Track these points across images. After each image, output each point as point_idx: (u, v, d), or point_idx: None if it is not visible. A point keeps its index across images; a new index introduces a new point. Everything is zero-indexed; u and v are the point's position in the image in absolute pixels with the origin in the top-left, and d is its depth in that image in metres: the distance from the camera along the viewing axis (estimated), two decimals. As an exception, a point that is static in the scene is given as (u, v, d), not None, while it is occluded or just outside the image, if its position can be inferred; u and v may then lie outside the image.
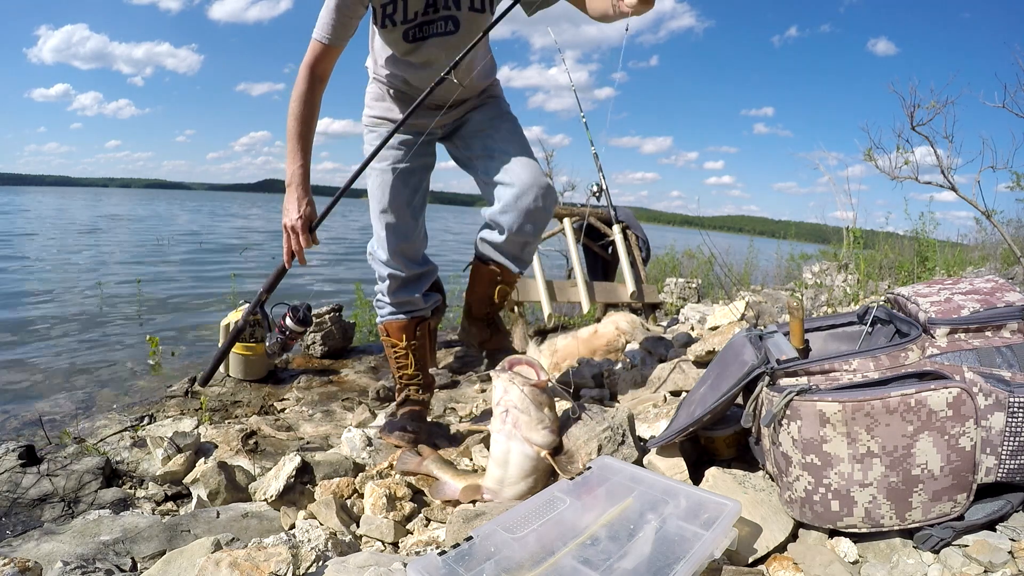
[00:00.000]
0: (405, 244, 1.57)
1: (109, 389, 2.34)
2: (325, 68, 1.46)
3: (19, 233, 10.80)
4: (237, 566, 0.81)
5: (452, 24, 1.45)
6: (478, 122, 1.62)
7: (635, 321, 2.48)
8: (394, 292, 1.61)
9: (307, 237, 1.44)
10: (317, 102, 1.47)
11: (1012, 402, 0.88)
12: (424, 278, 1.65)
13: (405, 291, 1.61)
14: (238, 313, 2.25)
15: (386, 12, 1.42)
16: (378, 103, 1.63)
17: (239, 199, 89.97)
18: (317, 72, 1.45)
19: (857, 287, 3.28)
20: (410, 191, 1.58)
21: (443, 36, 1.46)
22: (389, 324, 1.64)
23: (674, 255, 5.80)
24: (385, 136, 1.48)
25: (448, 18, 1.45)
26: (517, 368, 1.25)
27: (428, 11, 1.43)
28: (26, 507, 1.32)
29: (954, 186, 2.90)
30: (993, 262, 4.46)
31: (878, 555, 0.89)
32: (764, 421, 0.95)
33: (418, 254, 1.62)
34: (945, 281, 1.11)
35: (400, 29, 1.44)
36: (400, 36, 1.45)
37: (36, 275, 5.77)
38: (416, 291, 1.63)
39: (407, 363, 1.66)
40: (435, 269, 1.71)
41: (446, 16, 1.45)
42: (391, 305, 1.62)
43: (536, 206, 1.50)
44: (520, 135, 1.63)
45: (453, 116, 1.62)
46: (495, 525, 0.85)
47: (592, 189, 3.27)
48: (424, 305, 1.65)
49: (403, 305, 1.62)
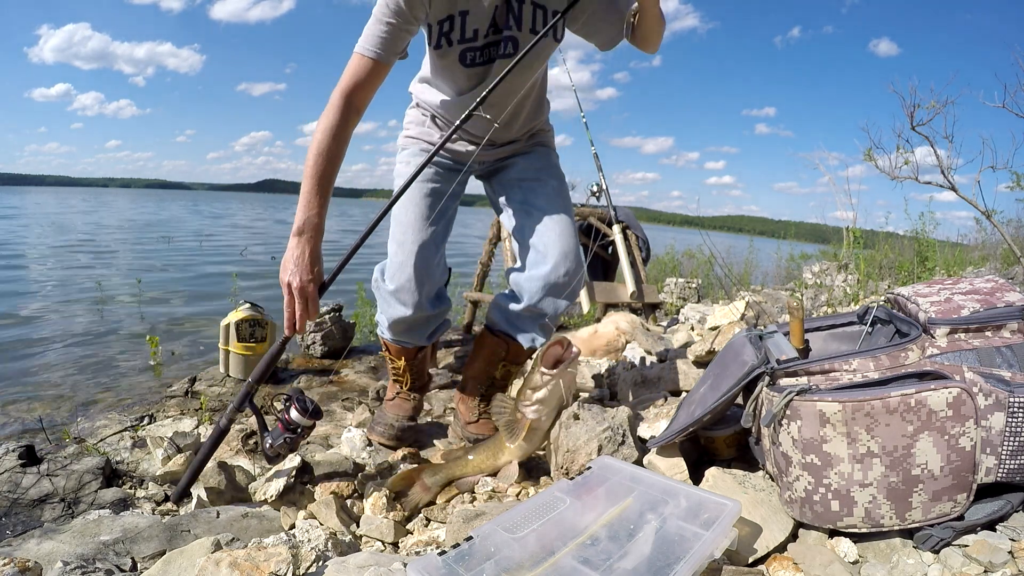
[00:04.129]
0: (421, 272, 1.38)
1: (109, 389, 2.34)
2: (366, 93, 1.25)
3: (18, 233, 10.80)
4: (237, 566, 0.81)
5: (512, 46, 1.31)
6: (522, 169, 1.49)
7: (635, 321, 2.48)
8: (399, 333, 1.48)
9: (316, 303, 1.21)
10: (348, 137, 1.24)
11: (1012, 402, 0.88)
12: (432, 321, 1.50)
13: (408, 333, 1.48)
14: (238, 313, 2.25)
15: (442, 30, 1.27)
16: (416, 126, 1.53)
17: (239, 199, 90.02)
18: (355, 100, 1.24)
19: (857, 287, 3.28)
20: (436, 215, 1.43)
21: (505, 59, 1.31)
22: (389, 344, 1.56)
23: (674, 255, 5.80)
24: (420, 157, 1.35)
25: (509, 39, 1.31)
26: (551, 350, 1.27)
27: (489, 32, 1.28)
28: (26, 507, 1.32)
29: (954, 186, 2.90)
30: (993, 262, 4.46)
31: (878, 555, 0.89)
32: (764, 421, 0.95)
33: (432, 288, 1.44)
34: (945, 281, 1.11)
35: (456, 50, 1.30)
36: (456, 59, 1.31)
37: (36, 275, 5.77)
38: (421, 334, 1.49)
39: (403, 379, 1.62)
40: (447, 310, 1.53)
41: (507, 37, 1.30)
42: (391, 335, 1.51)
43: (563, 282, 1.39)
44: (564, 197, 1.50)
45: (496, 155, 1.51)
46: (495, 525, 0.85)
47: (592, 189, 3.27)
48: (428, 343, 1.54)
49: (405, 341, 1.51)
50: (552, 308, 1.43)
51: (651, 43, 1.34)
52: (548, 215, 1.43)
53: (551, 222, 1.42)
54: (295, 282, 1.18)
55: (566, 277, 1.40)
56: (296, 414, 1.19)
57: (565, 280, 1.40)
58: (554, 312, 1.44)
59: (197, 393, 2.12)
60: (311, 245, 1.20)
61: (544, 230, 1.42)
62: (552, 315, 1.46)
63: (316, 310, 1.22)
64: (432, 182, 1.46)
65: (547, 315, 1.46)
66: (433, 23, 1.27)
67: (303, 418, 1.19)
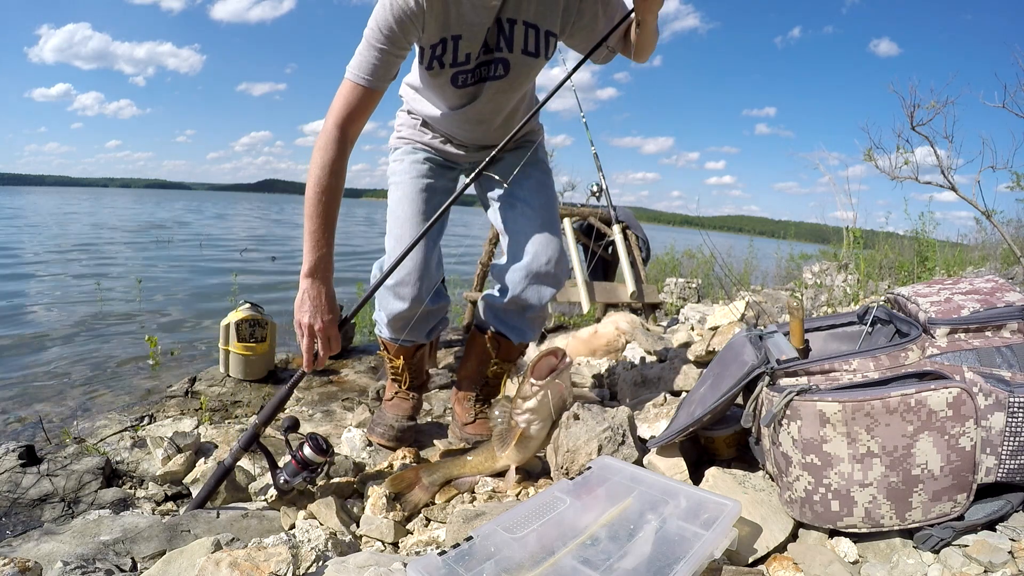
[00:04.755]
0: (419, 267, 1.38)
1: (109, 389, 2.34)
2: (360, 123, 1.22)
3: (18, 233, 10.80)
4: (237, 566, 0.81)
5: (502, 68, 1.32)
6: (509, 164, 1.48)
7: (635, 321, 2.48)
8: (397, 330, 1.47)
9: (338, 340, 1.21)
10: (345, 169, 1.21)
11: (1012, 402, 0.88)
12: (431, 317, 1.50)
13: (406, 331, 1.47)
14: (238, 313, 2.25)
15: (435, 53, 1.26)
16: (408, 128, 1.53)
17: (239, 199, 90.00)
18: (349, 131, 1.21)
19: (857, 287, 3.28)
20: (431, 210, 1.43)
21: (495, 80, 1.32)
22: (387, 343, 1.56)
23: (674, 255, 5.81)
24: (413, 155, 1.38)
25: (500, 61, 1.31)
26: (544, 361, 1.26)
27: (481, 53, 1.28)
28: (26, 507, 1.32)
29: (954, 186, 2.90)
30: (993, 262, 4.46)
31: (878, 555, 0.89)
32: (764, 421, 0.95)
33: (431, 283, 1.43)
34: (945, 281, 1.11)
35: (448, 73, 1.30)
36: (448, 80, 1.31)
37: (36, 275, 5.77)
38: (420, 332, 1.50)
39: (402, 378, 1.62)
40: (446, 307, 1.54)
41: (498, 59, 1.31)
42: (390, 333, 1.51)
43: (544, 271, 1.40)
44: (548, 190, 1.51)
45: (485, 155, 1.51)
46: (495, 525, 0.85)
47: (592, 189, 3.27)
48: (427, 340, 1.54)
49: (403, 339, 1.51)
50: (536, 297, 1.44)
51: (643, 54, 1.35)
52: (530, 207, 1.44)
53: (533, 213, 1.43)
54: (316, 324, 1.18)
55: (547, 266, 1.40)
56: (311, 452, 1.21)
57: (547, 269, 1.40)
58: (539, 301, 1.45)
59: (197, 393, 2.12)
60: (326, 285, 1.19)
61: (526, 222, 1.43)
62: (538, 305, 1.46)
63: (338, 346, 1.22)
64: (426, 178, 1.47)
65: (533, 305, 1.46)
66: (426, 47, 1.26)
67: (318, 456, 1.21)
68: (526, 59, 1.32)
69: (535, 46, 1.30)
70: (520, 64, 1.33)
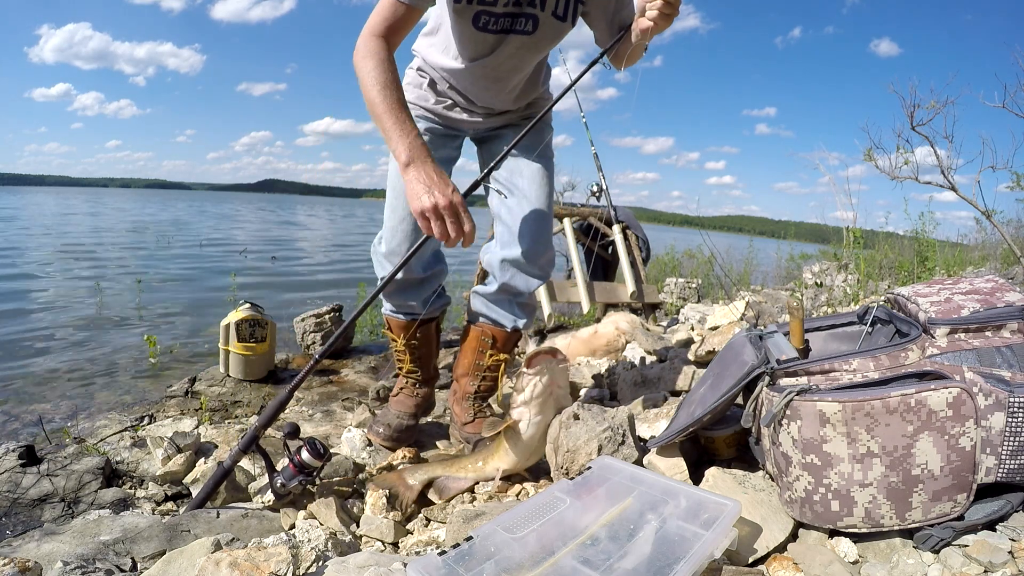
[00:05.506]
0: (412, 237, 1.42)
1: (109, 389, 2.34)
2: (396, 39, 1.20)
3: (18, 234, 10.80)
4: (237, 566, 0.81)
5: (531, 24, 1.30)
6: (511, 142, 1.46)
7: (635, 321, 2.48)
8: (390, 295, 1.52)
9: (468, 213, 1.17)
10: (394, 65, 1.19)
11: (1012, 402, 0.88)
12: (427, 284, 1.52)
13: (401, 295, 1.51)
14: (238, 313, 2.25)
15: None
16: (414, 88, 1.50)
17: (239, 199, 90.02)
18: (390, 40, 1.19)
19: (857, 287, 3.28)
20: None
21: (521, 35, 1.31)
22: (388, 318, 1.59)
23: (674, 255, 5.80)
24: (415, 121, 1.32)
25: (530, 16, 1.29)
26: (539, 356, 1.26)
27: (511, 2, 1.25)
28: (26, 507, 1.32)
29: (954, 186, 2.90)
30: (993, 262, 4.46)
31: (878, 555, 0.89)
32: (764, 421, 0.95)
33: (425, 252, 1.47)
34: (945, 281, 1.11)
35: (474, 8, 1.25)
36: (470, 19, 1.27)
37: (36, 275, 5.77)
38: (415, 297, 1.52)
39: (404, 359, 1.63)
40: (443, 272, 1.56)
41: (529, 14, 1.28)
42: (388, 303, 1.56)
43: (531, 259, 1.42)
44: (547, 180, 1.50)
45: (491, 124, 1.52)
46: (495, 525, 0.85)
47: (592, 189, 3.27)
48: (423, 311, 1.55)
49: (400, 307, 1.55)
50: (524, 284, 1.47)
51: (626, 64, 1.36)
52: (526, 196, 1.45)
53: (527, 203, 1.45)
54: (441, 201, 1.13)
55: (534, 255, 1.43)
56: (308, 456, 1.21)
57: (533, 258, 1.43)
58: (526, 288, 1.48)
59: (197, 393, 2.13)
60: (430, 163, 1.16)
61: (520, 211, 1.44)
62: (526, 291, 1.49)
63: (470, 218, 1.17)
64: None
65: (521, 292, 1.48)
66: None
67: (315, 460, 1.22)
68: (555, 22, 1.31)
69: (564, 10, 1.30)
70: (548, 25, 1.31)
